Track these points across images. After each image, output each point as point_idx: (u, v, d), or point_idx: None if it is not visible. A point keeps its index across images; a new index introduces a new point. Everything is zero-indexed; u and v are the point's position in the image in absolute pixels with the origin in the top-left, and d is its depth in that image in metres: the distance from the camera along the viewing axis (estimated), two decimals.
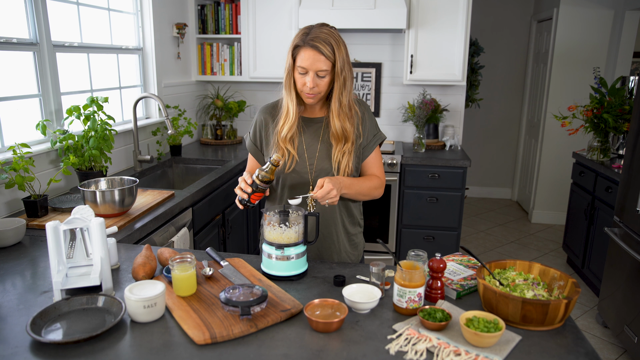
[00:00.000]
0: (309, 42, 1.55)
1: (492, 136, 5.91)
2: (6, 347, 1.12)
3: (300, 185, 1.72)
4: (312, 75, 1.57)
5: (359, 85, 4.12)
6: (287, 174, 1.71)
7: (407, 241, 3.71)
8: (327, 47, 1.54)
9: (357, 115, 1.71)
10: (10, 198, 2.13)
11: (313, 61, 1.55)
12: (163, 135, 3.50)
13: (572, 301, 1.21)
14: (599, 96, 3.60)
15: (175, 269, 1.33)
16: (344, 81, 1.61)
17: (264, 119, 1.76)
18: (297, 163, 1.70)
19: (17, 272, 1.54)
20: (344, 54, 1.59)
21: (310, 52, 1.55)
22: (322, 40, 1.54)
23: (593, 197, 3.58)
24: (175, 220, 2.33)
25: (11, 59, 2.25)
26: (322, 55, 1.55)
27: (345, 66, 1.60)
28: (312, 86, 1.58)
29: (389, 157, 3.53)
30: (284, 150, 1.68)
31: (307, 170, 1.71)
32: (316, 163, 1.70)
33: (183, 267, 1.33)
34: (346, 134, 1.67)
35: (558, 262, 4.24)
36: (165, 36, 3.53)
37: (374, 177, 1.79)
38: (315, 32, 1.56)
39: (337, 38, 1.58)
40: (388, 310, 1.32)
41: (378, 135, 1.79)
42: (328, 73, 1.58)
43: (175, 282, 1.34)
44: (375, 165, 1.80)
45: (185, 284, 1.34)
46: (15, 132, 2.29)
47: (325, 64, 1.56)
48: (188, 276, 1.34)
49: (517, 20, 5.58)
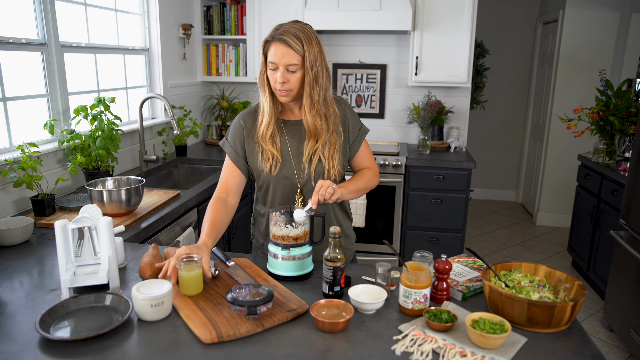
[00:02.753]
0: (278, 36, 1.54)
1: (497, 138, 5.90)
2: (15, 344, 1.13)
3: (290, 189, 1.70)
4: (282, 70, 1.55)
5: (364, 86, 4.12)
6: (274, 178, 1.68)
7: (411, 243, 3.71)
8: (295, 41, 1.53)
9: (335, 115, 1.69)
10: (18, 197, 2.15)
11: (282, 55, 1.53)
12: (169, 136, 3.51)
13: (579, 304, 1.21)
14: (605, 98, 3.59)
15: (182, 269, 1.33)
16: (314, 77, 1.57)
17: (243, 124, 1.72)
18: (283, 167, 1.68)
19: (25, 270, 1.55)
20: (316, 50, 1.57)
21: (279, 46, 1.53)
22: (291, 34, 1.53)
23: (599, 200, 3.57)
24: (180, 220, 2.34)
25: (20, 59, 2.26)
26: (290, 49, 1.52)
27: (317, 62, 1.57)
28: (282, 81, 1.56)
29: (393, 159, 3.53)
30: (268, 152, 1.66)
31: (295, 174, 1.69)
32: (302, 166, 1.68)
33: (190, 266, 1.34)
34: (317, 131, 1.64)
35: (563, 265, 4.22)
36: (171, 37, 3.54)
37: (366, 170, 1.79)
38: (285, 27, 1.55)
39: (308, 33, 1.56)
40: (394, 311, 1.33)
41: (362, 129, 1.80)
42: (299, 68, 1.56)
43: (182, 281, 1.35)
44: (365, 157, 1.81)
45: (192, 284, 1.35)
46: (24, 131, 2.31)
47: (294, 57, 1.53)
48: (195, 275, 1.35)
49: (523, 22, 5.57)
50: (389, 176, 3.55)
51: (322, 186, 1.50)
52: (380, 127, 4.19)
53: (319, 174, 1.68)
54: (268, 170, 1.67)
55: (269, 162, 1.66)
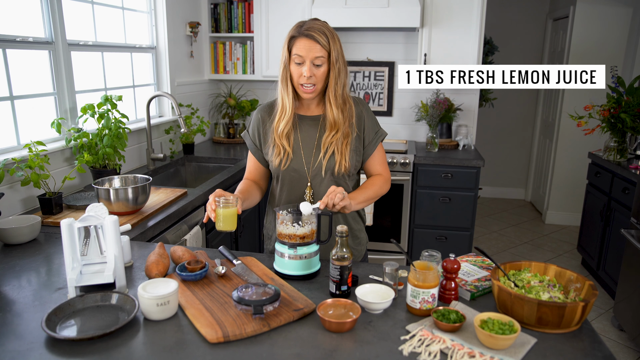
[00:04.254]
0: (304, 32, 1.59)
1: (506, 136, 5.86)
2: (22, 342, 1.13)
3: (298, 183, 1.74)
4: (309, 64, 1.59)
5: (372, 84, 4.10)
6: (283, 172, 1.73)
7: (419, 241, 3.69)
8: (322, 36, 1.58)
9: (350, 110, 1.72)
10: (25, 195, 2.15)
11: (309, 49, 1.58)
12: (176, 134, 3.52)
13: (589, 304, 1.19)
14: (616, 95, 3.55)
15: (221, 206, 1.45)
16: (338, 72, 1.63)
17: (260, 118, 1.78)
18: (293, 160, 1.71)
19: (32, 269, 1.56)
20: (338, 46, 1.63)
21: (306, 41, 1.58)
22: (317, 30, 1.59)
23: (609, 198, 3.52)
24: (187, 218, 2.33)
25: (27, 57, 2.27)
26: (317, 44, 1.58)
27: (340, 58, 1.63)
28: (309, 75, 1.60)
29: (401, 157, 3.51)
30: (280, 147, 1.70)
31: (304, 168, 1.72)
32: (312, 161, 1.71)
33: (227, 204, 1.46)
34: (338, 123, 1.68)
35: (573, 264, 4.18)
36: (179, 35, 3.54)
37: (376, 178, 1.79)
38: (309, 24, 1.61)
39: (330, 30, 1.63)
40: (401, 311, 1.31)
41: (379, 132, 1.81)
42: (324, 62, 1.60)
43: (220, 217, 1.45)
44: (378, 162, 1.82)
45: (227, 219, 1.45)
46: (31, 130, 2.32)
47: (321, 51, 1.59)
48: (231, 212, 1.46)
49: (532, 19, 5.52)
50: (397, 174, 3.53)
51: (334, 191, 1.51)
52: (388, 125, 4.17)
53: (330, 167, 1.69)
54: (277, 164, 1.72)
55: (279, 156, 1.71)
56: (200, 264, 1.46)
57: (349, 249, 1.38)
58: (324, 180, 1.71)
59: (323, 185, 1.72)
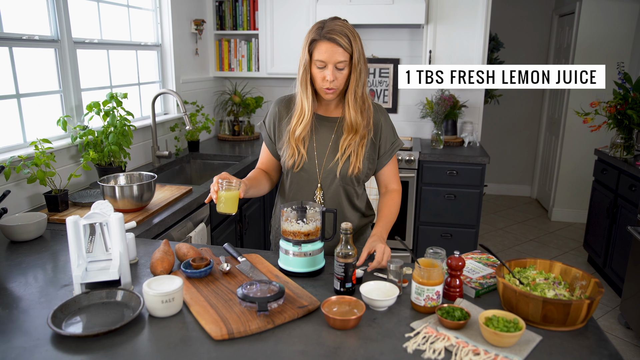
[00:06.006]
0: (326, 35, 1.54)
1: (511, 133, 5.83)
2: (28, 339, 1.14)
3: (308, 183, 1.72)
4: (332, 69, 1.56)
5: (377, 81, 4.09)
6: (295, 173, 1.71)
7: (424, 238, 3.68)
8: (344, 39, 1.54)
9: (369, 111, 1.70)
10: (32, 193, 2.17)
11: (332, 54, 1.54)
12: (181, 131, 3.52)
13: (595, 301, 1.18)
14: (622, 92, 3.52)
15: (223, 189, 1.48)
16: (360, 73, 1.60)
17: (278, 111, 1.76)
18: (307, 163, 1.69)
19: (38, 266, 1.57)
20: (360, 46, 1.59)
21: (328, 44, 1.54)
22: (339, 32, 1.54)
23: (616, 195, 3.50)
24: (192, 215, 2.34)
25: (33, 55, 2.28)
26: (340, 47, 1.54)
27: (361, 58, 1.60)
28: (332, 79, 1.56)
29: (406, 154, 3.50)
30: (294, 149, 1.68)
31: (316, 170, 1.70)
32: (325, 163, 1.70)
33: (229, 187, 1.49)
34: (357, 125, 1.65)
35: (579, 261, 4.16)
36: (184, 32, 3.55)
37: (393, 194, 1.77)
38: (330, 25, 1.55)
39: (351, 30, 1.58)
40: (406, 308, 1.31)
41: (396, 142, 1.78)
42: (346, 65, 1.57)
43: (221, 199, 1.48)
44: (392, 174, 1.80)
45: (229, 202, 1.49)
46: (37, 127, 2.33)
47: (343, 55, 1.55)
48: (232, 195, 1.49)
49: (538, 15, 5.48)
50: (402, 171, 3.52)
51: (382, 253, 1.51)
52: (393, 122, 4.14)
53: (344, 169, 1.68)
54: (290, 165, 1.70)
55: (292, 157, 1.68)
56: (205, 261, 1.47)
57: (354, 246, 1.38)
58: (333, 182, 1.71)
59: (332, 187, 1.71)
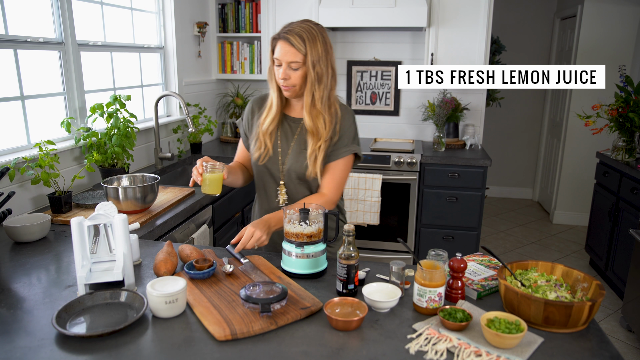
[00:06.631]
0: (282, 34, 1.60)
1: (513, 135, 5.83)
2: (33, 339, 1.15)
3: (272, 180, 1.77)
4: (285, 67, 1.61)
5: (379, 84, 4.10)
6: (260, 168, 1.76)
7: (426, 241, 3.68)
8: (297, 40, 1.58)
9: (335, 116, 1.70)
10: (36, 194, 2.18)
11: (285, 53, 1.59)
12: (184, 133, 3.54)
13: (597, 303, 1.19)
14: (624, 95, 3.52)
15: (208, 171, 1.56)
16: (317, 76, 1.61)
17: (252, 108, 1.83)
18: (271, 158, 1.74)
19: (42, 267, 1.58)
20: (320, 50, 1.60)
21: (283, 44, 1.60)
22: (295, 33, 1.58)
23: (617, 198, 3.50)
24: (195, 217, 2.35)
25: (38, 58, 2.29)
26: (292, 48, 1.58)
27: (322, 61, 1.61)
28: (284, 77, 1.62)
29: (408, 156, 3.51)
30: (262, 142, 1.73)
31: (279, 168, 1.75)
32: (287, 161, 1.73)
33: (213, 170, 1.57)
34: (313, 129, 1.66)
35: (580, 264, 4.16)
36: (187, 35, 3.56)
37: (316, 197, 1.69)
38: (292, 26, 1.61)
39: (313, 33, 1.60)
40: (408, 310, 1.32)
41: (352, 148, 1.72)
42: (300, 66, 1.60)
43: (206, 181, 1.56)
44: (332, 178, 1.72)
45: (213, 184, 1.56)
46: (41, 129, 2.34)
47: (296, 56, 1.58)
48: (217, 177, 1.57)
49: (540, 18, 5.49)
50: (404, 174, 3.53)
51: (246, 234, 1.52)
52: (395, 125, 4.17)
53: (302, 172, 1.71)
54: (256, 158, 1.75)
55: (259, 151, 1.74)
56: (208, 262, 1.48)
57: (356, 247, 1.39)
58: (294, 181, 1.74)
59: (293, 185, 1.75)
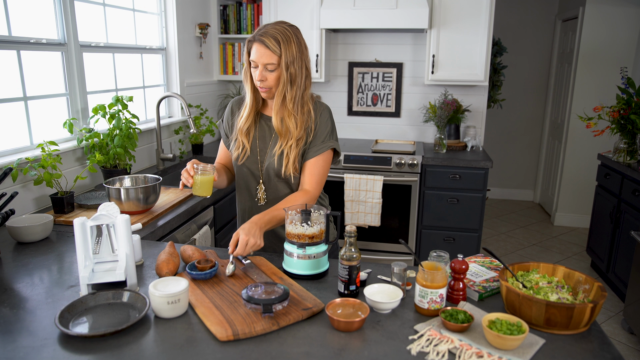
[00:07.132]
0: (257, 36, 1.62)
1: (514, 137, 5.83)
2: (35, 339, 1.15)
3: (252, 179, 1.79)
4: (261, 68, 1.62)
5: (380, 85, 4.11)
6: (240, 167, 1.78)
7: (427, 242, 3.69)
8: (272, 42, 1.59)
9: (308, 115, 1.71)
10: (38, 194, 2.18)
11: (260, 55, 1.60)
12: (185, 134, 3.54)
13: (598, 305, 1.19)
14: (626, 97, 3.52)
15: (199, 174, 1.58)
16: (290, 77, 1.63)
17: (231, 109, 1.85)
18: (249, 158, 1.76)
19: (44, 267, 1.58)
20: (295, 51, 1.62)
21: (258, 46, 1.61)
22: (270, 35, 1.60)
23: (619, 200, 3.50)
24: (197, 218, 2.35)
25: (40, 59, 2.30)
26: (267, 49, 1.59)
27: (296, 62, 1.62)
28: (260, 79, 1.63)
29: (409, 158, 3.51)
30: (240, 142, 1.75)
31: (258, 167, 1.77)
32: (265, 160, 1.75)
33: (204, 172, 1.59)
34: (288, 131, 1.69)
35: (582, 266, 4.16)
36: (188, 36, 3.57)
37: (298, 195, 1.68)
38: (267, 28, 1.63)
39: (288, 35, 1.61)
40: (409, 311, 1.32)
41: (329, 143, 1.73)
42: (276, 67, 1.62)
43: (197, 184, 1.59)
44: (311, 173, 1.72)
45: (204, 185, 1.59)
46: (44, 130, 2.35)
47: (271, 57, 1.60)
48: (208, 179, 1.60)
49: (541, 20, 5.49)
50: (405, 175, 3.53)
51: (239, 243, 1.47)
52: (396, 126, 4.17)
53: (279, 170, 1.72)
54: (235, 157, 1.78)
55: (237, 150, 1.76)
56: (210, 262, 1.48)
57: (358, 248, 1.39)
58: (272, 179, 1.76)
59: (272, 184, 1.76)
